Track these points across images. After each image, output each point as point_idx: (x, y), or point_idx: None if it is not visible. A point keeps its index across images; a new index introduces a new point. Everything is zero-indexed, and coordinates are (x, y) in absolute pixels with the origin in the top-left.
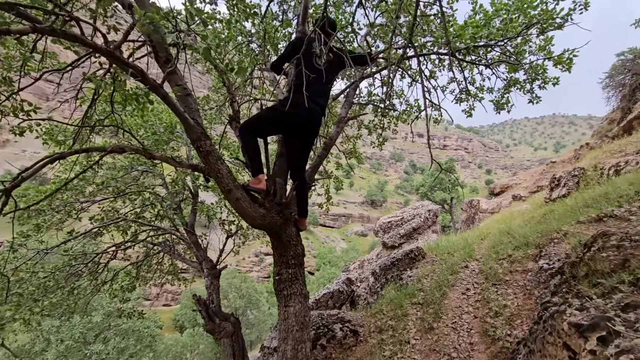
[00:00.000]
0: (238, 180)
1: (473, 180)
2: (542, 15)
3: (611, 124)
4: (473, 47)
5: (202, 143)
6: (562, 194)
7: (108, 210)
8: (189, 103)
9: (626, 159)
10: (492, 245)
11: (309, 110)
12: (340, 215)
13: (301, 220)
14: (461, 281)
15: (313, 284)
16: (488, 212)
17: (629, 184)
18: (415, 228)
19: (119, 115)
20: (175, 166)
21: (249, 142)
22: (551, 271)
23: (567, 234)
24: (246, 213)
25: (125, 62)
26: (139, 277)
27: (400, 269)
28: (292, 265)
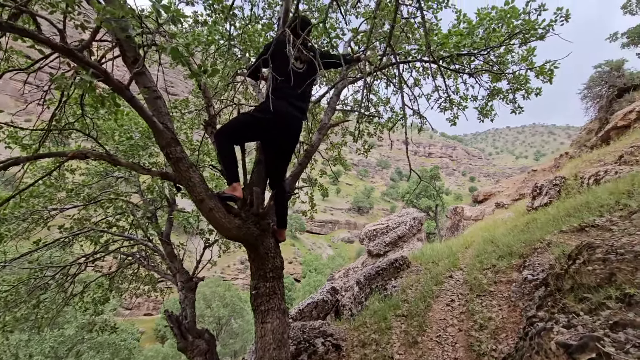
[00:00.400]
0: (220, 188)
1: (457, 187)
2: (524, 25)
3: (589, 134)
4: (457, 55)
5: (172, 149)
6: (544, 203)
7: (79, 219)
8: (158, 106)
9: (605, 169)
10: (476, 254)
11: (287, 114)
12: (326, 222)
13: (280, 231)
14: (446, 292)
15: (298, 292)
16: (472, 219)
17: (609, 194)
18: (401, 236)
19: (91, 119)
20: (143, 173)
21: (225, 148)
22: (535, 282)
23: (551, 243)
24: (220, 224)
25: (85, 60)
26: (113, 288)
27: (384, 279)
28: (270, 278)
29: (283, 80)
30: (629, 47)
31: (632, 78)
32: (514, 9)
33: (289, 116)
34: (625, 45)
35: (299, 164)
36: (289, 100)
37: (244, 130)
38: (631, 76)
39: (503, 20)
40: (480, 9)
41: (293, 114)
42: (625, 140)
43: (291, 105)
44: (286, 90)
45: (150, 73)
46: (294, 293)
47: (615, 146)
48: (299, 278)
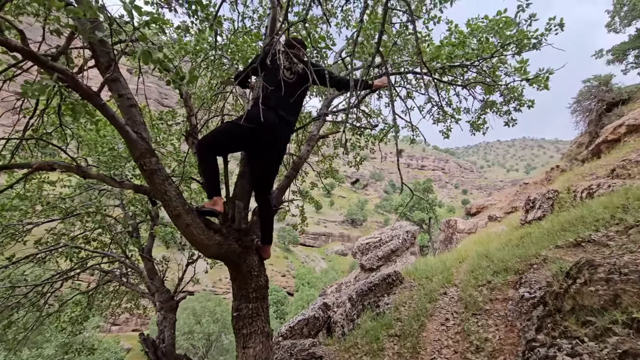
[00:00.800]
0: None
1: (450, 199)
2: (517, 35)
3: (580, 148)
4: (449, 66)
5: (146, 160)
6: (538, 216)
7: (55, 234)
8: (132, 115)
9: (598, 182)
10: (470, 270)
11: (274, 124)
12: (320, 234)
13: (264, 248)
14: (440, 310)
15: (291, 306)
16: (465, 232)
17: (603, 208)
18: (394, 250)
19: (69, 129)
20: (114, 186)
21: (206, 160)
22: (533, 301)
23: (547, 259)
24: (198, 241)
25: (49, 64)
26: (92, 306)
27: (377, 295)
28: (253, 299)
29: (272, 89)
30: (614, 64)
31: (620, 92)
32: (507, 19)
33: (277, 126)
34: (611, 61)
35: (287, 176)
36: (276, 110)
37: (228, 140)
38: (619, 91)
39: (494, 31)
40: (471, 20)
41: (280, 123)
42: (616, 154)
43: (278, 115)
44: (274, 99)
45: (125, 80)
46: (286, 307)
47: (607, 160)
48: (291, 292)
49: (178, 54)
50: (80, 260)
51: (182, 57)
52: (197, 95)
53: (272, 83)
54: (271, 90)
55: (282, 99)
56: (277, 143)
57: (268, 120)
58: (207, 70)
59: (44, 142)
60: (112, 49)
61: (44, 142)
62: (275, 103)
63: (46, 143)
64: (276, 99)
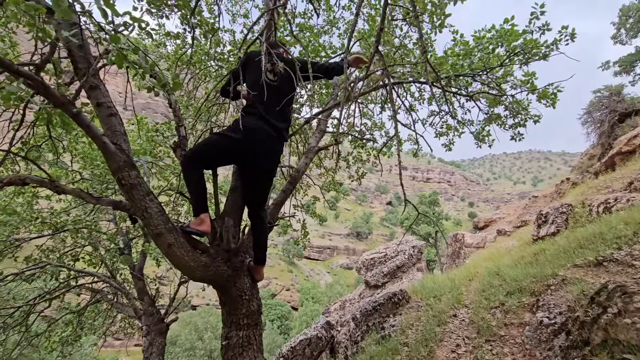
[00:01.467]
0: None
1: (456, 212)
2: (526, 44)
3: (592, 160)
4: (454, 76)
5: (124, 174)
6: (551, 232)
7: (43, 250)
8: (112, 125)
9: (615, 196)
10: (481, 289)
11: (263, 133)
12: (325, 248)
13: (257, 269)
14: (450, 334)
15: (295, 321)
16: (473, 246)
17: (624, 224)
18: (399, 266)
19: (60, 141)
20: (91, 202)
21: (192, 174)
22: (553, 327)
23: (565, 279)
24: (182, 263)
25: (13, 69)
26: (84, 325)
27: (382, 315)
28: (244, 326)
29: (257, 95)
30: (621, 75)
31: (633, 103)
32: (514, 29)
33: (265, 135)
34: (618, 73)
35: (283, 191)
36: (264, 117)
37: (215, 153)
38: (632, 101)
39: (503, 39)
40: (477, 31)
41: (269, 132)
42: (632, 166)
43: (267, 123)
44: (261, 106)
45: (106, 87)
46: (290, 322)
47: (622, 172)
48: (296, 306)
49: (174, 64)
50: (65, 280)
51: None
52: (194, 106)
53: (258, 89)
54: (257, 97)
55: (269, 104)
56: (268, 153)
57: (256, 128)
58: (204, 81)
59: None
60: (90, 54)
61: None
62: (262, 110)
63: (37, 155)
64: (263, 105)
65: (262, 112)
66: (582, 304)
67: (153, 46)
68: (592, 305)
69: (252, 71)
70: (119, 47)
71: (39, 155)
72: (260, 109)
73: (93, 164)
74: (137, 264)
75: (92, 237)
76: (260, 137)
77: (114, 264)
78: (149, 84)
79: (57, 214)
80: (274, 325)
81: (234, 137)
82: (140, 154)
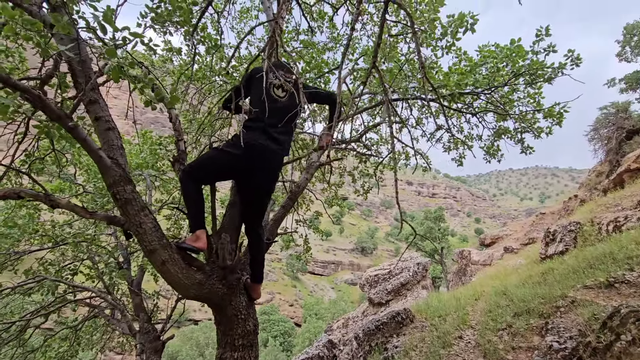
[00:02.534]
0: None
1: (462, 228)
2: (531, 65)
3: (600, 177)
4: (459, 94)
5: (119, 189)
6: (560, 251)
7: (42, 264)
8: (109, 139)
9: (625, 214)
10: (488, 309)
11: (263, 148)
12: (329, 263)
13: (254, 287)
14: (455, 357)
15: (298, 338)
16: (480, 264)
17: (636, 243)
18: (404, 283)
19: (63, 154)
20: (85, 217)
21: (190, 189)
22: (564, 353)
23: (575, 301)
24: (175, 281)
25: (11, 82)
26: (81, 341)
27: (385, 335)
28: (239, 347)
29: (260, 111)
30: (627, 92)
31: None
32: (520, 47)
33: (266, 150)
34: (624, 90)
35: (282, 206)
36: (266, 132)
37: (214, 168)
38: (639, 118)
39: (508, 59)
40: (482, 46)
41: (270, 147)
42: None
43: (269, 138)
44: (263, 121)
45: (105, 102)
46: (294, 339)
47: (632, 190)
48: (299, 322)
49: (178, 79)
50: (62, 295)
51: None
52: (197, 120)
53: (260, 104)
54: (259, 112)
55: (272, 120)
56: (268, 168)
57: (256, 145)
58: (209, 96)
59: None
60: (91, 69)
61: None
62: (265, 124)
63: (41, 168)
64: (265, 120)
65: (264, 127)
66: (593, 329)
67: (160, 62)
68: (604, 331)
69: (256, 87)
70: (116, 61)
71: (43, 167)
72: (263, 123)
73: (96, 177)
74: (135, 279)
75: (91, 250)
76: (260, 153)
77: (111, 278)
78: (147, 97)
79: (60, 226)
80: (277, 342)
81: (233, 152)
82: (144, 167)
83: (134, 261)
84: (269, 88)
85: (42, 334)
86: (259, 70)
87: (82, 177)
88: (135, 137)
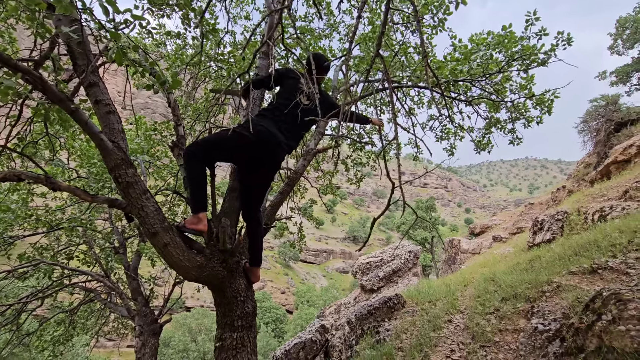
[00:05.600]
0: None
1: (453, 218)
2: (524, 50)
3: (587, 168)
4: (453, 81)
5: (121, 172)
6: (547, 239)
7: (37, 248)
8: (110, 122)
9: (610, 204)
10: (476, 295)
11: (277, 140)
12: (321, 251)
13: (253, 270)
14: (445, 340)
15: (290, 324)
16: (469, 252)
17: (619, 232)
18: (395, 270)
19: (59, 138)
20: (86, 200)
21: (195, 170)
22: (548, 334)
23: (560, 286)
24: (177, 262)
25: (11, 63)
26: (76, 325)
27: (377, 319)
28: (238, 327)
29: (281, 104)
30: (617, 85)
31: (629, 112)
32: (512, 33)
33: (277, 140)
34: (614, 83)
35: (280, 192)
36: (279, 126)
37: (223, 150)
38: (628, 111)
39: (501, 45)
40: (475, 35)
41: (280, 138)
42: (627, 175)
43: (280, 131)
44: (279, 117)
45: (105, 85)
46: (285, 325)
47: (618, 181)
48: (291, 309)
49: (174, 63)
50: (58, 278)
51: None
52: (193, 107)
53: (284, 98)
54: (280, 105)
55: (287, 119)
56: (275, 159)
57: (269, 131)
58: (203, 82)
59: (31, 151)
60: (90, 51)
61: (32, 151)
62: (279, 120)
63: (33, 152)
64: (283, 116)
65: (278, 121)
66: (576, 311)
67: (153, 45)
68: (586, 312)
69: (287, 86)
70: (119, 44)
71: (36, 151)
72: (279, 116)
73: (90, 162)
74: (131, 264)
75: (87, 235)
76: (270, 141)
77: (108, 263)
78: (148, 81)
79: (53, 211)
80: (269, 328)
81: (245, 135)
82: (138, 153)
83: (130, 247)
84: (296, 90)
85: (37, 318)
86: (293, 73)
87: (74, 163)
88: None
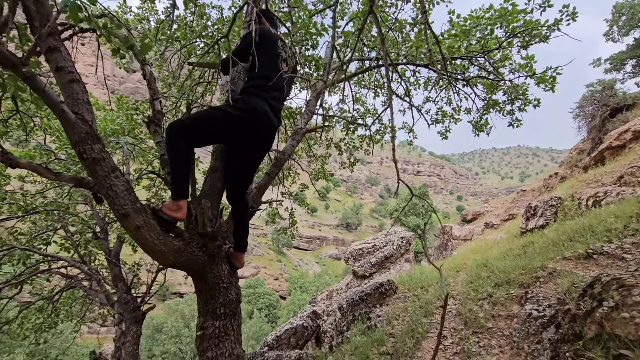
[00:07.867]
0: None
1: (445, 205)
2: (526, 25)
3: (581, 154)
4: (451, 59)
5: (86, 147)
6: (540, 225)
7: (12, 233)
8: (73, 92)
9: (605, 190)
10: (469, 280)
11: (269, 118)
12: (314, 238)
13: (237, 255)
14: (436, 326)
15: (283, 310)
16: (461, 238)
17: (615, 217)
18: (388, 256)
19: (29, 116)
20: (49, 178)
21: (180, 150)
22: (542, 320)
23: (554, 272)
24: (151, 247)
25: None
26: (59, 312)
27: (369, 305)
28: (220, 315)
29: (266, 79)
30: (612, 73)
31: (624, 98)
32: (514, 5)
33: (269, 118)
34: (609, 70)
35: (267, 174)
36: (269, 103)
37: (210, 129)
38: (624, 96)
39: (503, 19)
40: (475, 10)
41: (271, 117)
42: (622, 160)
43: (272, 110)
44: (267, 91)
45: (68, 51)
46: (278, 311)
47: (612, 166)
48: (284, 295)
49: (156, 38)
50: (34, 264)
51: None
52: (177, 85)
53: (266, 69)
54: (265, 78)
55: (273, 93)
56: (267, 138)
57: (262, 109)
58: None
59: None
60: (50, 13)
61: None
62: (267, 95)
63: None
64: (269, 89)
65: (267, 97)
66: (573, 297)
67: (135, 21)
68: (584, 298)
69: (265, 51)
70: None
71: (7, 131)
72: (267, 93)
73: (68, 142)
74: (113, 249)
75: (64, 219)
76: (263, 120)
77: (87, 248)
78: (114, 45)
79: (32, 196)
80: (262, 313)
81: (236, 115)
82: (120, 133)
83: (112, 232)
84: (275, 59)
85: (19, 305)
86: (269, 34)
87: (53, 145)
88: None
